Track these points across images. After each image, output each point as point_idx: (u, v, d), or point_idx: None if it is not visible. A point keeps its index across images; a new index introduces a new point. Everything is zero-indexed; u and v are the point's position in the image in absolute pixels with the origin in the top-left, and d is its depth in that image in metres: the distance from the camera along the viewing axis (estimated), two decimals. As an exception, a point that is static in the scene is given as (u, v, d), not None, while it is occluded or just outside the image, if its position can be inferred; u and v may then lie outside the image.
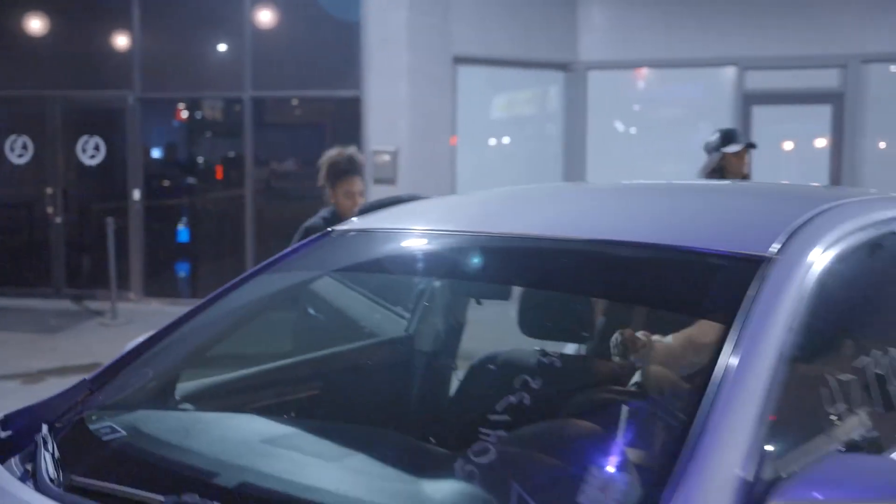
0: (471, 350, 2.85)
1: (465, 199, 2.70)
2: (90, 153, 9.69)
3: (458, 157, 9.35)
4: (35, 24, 9.73)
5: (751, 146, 5.53)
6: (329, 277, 2.97)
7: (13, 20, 9.73)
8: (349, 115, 9.12)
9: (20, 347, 7.59)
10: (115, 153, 9.72)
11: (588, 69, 9.92)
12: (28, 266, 9.98)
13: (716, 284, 1.74)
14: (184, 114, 10.22)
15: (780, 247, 1.75)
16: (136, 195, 9.64)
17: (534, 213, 2.27)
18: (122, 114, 9.59)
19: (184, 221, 9.84)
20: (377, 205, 3.82)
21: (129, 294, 9.49)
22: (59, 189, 9.80)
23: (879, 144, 9.58)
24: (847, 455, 1.51)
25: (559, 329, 2.32)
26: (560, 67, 9.91)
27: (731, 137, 5.48)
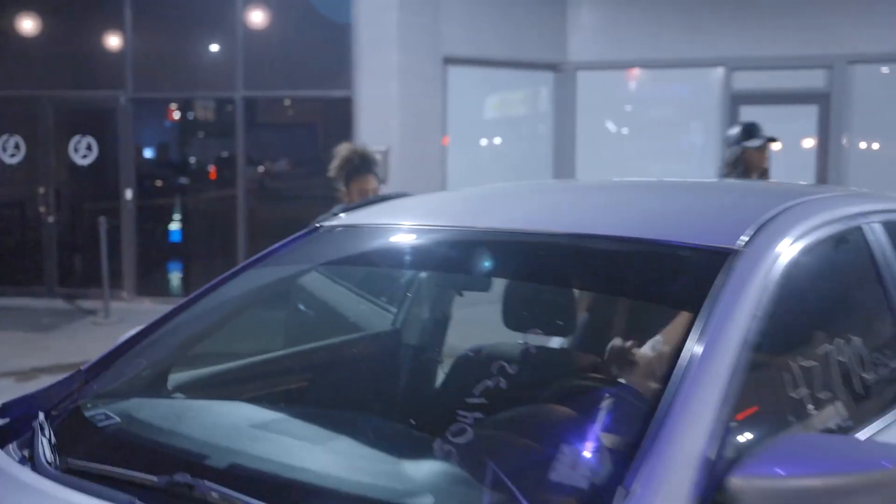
0: (461, 345, 2.93)
1: (450, 196, 2.78)
2: (82, 153, 9.73)
3: (449, 157, 9.43)
4: (27, 25, 9.77)
5: (772, 140, 5.51)
6: (318, 274, 3.04)
7: (5, 20, 9.76)
8: (341, 115, 9.18)
9: (13, 346, 7.63)
10: (108, 153, 9.76)
11: (577, 69, 10.00)
12: (20, 265, 10.01)
13: (685, 275, 1.82)
14: (176, 114, 10.27)
15: (748, 240, 1.83)
16: (129, 195, 9.68)
17: (514, 209, 2.35)
18: (115, 114, 9.64)
19: (176, 221, 9.89)
20: (365, 204, 3.88)
21: (122, 293, 9.53)
22: (52, 189, 9.83)
23: (865, 144, 9.69)
24: (807, 434, 1.59)
25: (542, 323, 2.40)
26: (550, 68, 9.99)
27: (752, 132, 5.48)
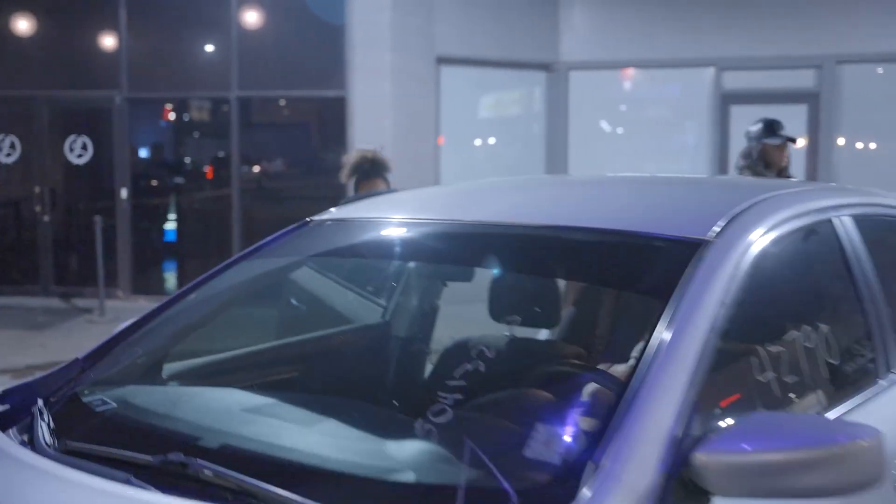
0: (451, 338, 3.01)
1: (438, 190, 2.86)
2: (78, 152, 9.79)
3: (443, 157, 9.50)
4: (22, 25, 9.83)
5: (791, 140, 5.53)
6: (310, 269, 3.12)
7: (0, 20, 9.82)
8: (335, 115, 9.25)
9: (9, 344, 7.69)
10: (103, 152, 9.82)
11: (569, 69, 10.09)
12: (16, 264, 10.07)
13: (658, 265, 1.90)
14: (171, 113, 10.33)
15: (719, 231, 1.91)
16: (124, 194, 9.74)
17: (498, 202, 2.44)
18: (110, 113, 9.70)
19: (171, 220, 9.96)
20: (356, 200, 3.97)
21: (117, 292, 9.59)
22: (47, 188, 9.89)
23: (854, 143, 9.79)
24: (769, 413, 1.67)
25: (522, 311, 2.48)
26: (542, 68, 10.08)
27: (773, 129, 5.50)
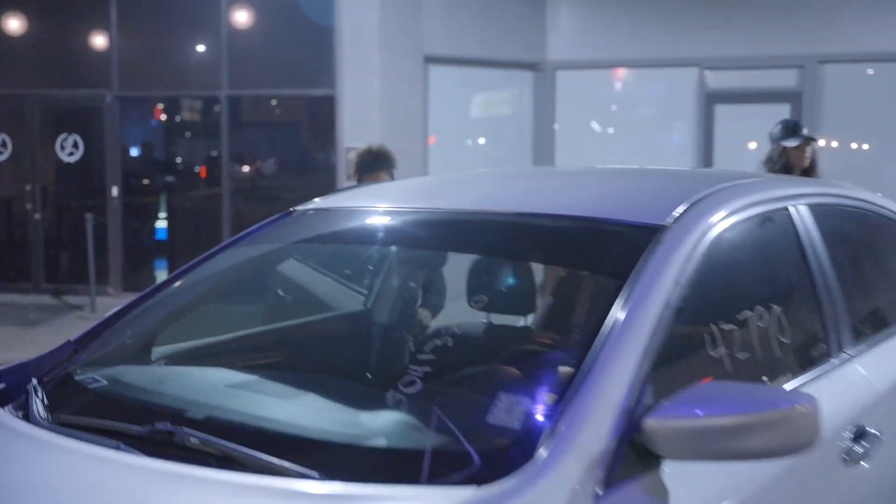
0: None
1: (419, 181, 2.98)
2: (69, 151, 9.87)
3: (431, 155, 9.62)
4: (13, 24, 9.90)
5: (810, 140, 5.51)
6: (295, 262, 3.23)
7: (-8, 20, 9.90)
8: (324, 114, 9.36)
9: (0, 340, 7.77)
10: (94, 151, 9.90)
11: (556, 69, 10.22)
12: (8, 262, 10.14)
13: (619, 248, 2.02)
14: (161, 112, 10.42)
15: (678, 216, 2.03)
16: (115, 192, 9.82)
17: (475, 191, 2.56)
18: (101, 112, 9.78)
19: (161, 218, 10.04)
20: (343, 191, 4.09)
21: (108, 289, 9.67)
22: (38, 186, 9.97)
23: (835, 142, 9.95)
24: (717, 382, 1.79)
25: (499, 298, 2.60)
26: (529, 67, 10.20)
27: (792, 130, 5.50)
